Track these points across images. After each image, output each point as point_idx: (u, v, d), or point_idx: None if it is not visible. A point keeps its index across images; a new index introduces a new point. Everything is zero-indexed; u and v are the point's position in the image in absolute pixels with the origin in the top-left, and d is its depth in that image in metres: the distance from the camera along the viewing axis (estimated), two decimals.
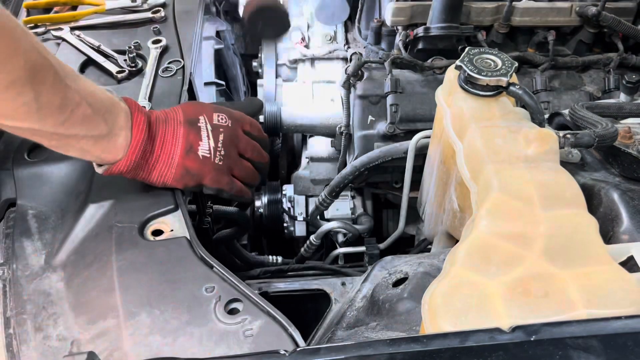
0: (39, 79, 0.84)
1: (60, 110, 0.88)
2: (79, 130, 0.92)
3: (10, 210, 1.08)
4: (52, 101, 0.86)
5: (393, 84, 1.55)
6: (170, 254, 0.97)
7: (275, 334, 0.84)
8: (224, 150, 1.08)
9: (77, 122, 0.91)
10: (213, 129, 1.07)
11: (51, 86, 0.86)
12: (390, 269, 1.13)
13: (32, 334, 0.87)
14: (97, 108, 0.93)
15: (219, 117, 1.09)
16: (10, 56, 0.80)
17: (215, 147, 1.06)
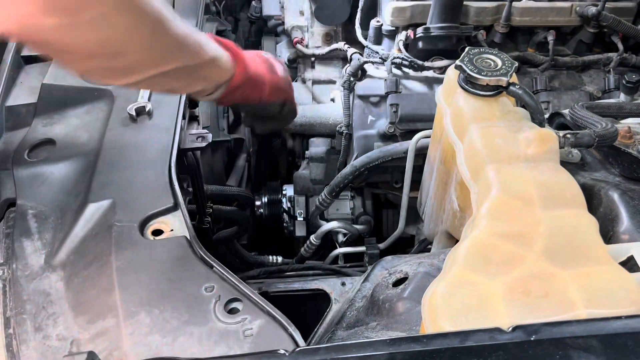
0: (161, 20, 0.88)
1: (186, 47, 0.95)
2: (201, 58, 1.00)
3: (10, 210, 1.08)
4: (179, 39, 0.92)
5: (393, 84, 1.55)
6: (170, 253, 0.97)
7: (275, 333, 0.84)
8: (287, 71, 1.30)
9: (198, 53, 0.99)
10: (275, 60, 1.28)
11: (173, 27, 0.90)
12: (390, 268, 1.13)
13: (31, 333, 0.87)
14: (206, 40, 1.02)
15: (275, 57, 1.31)
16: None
17: (284, 68, 1.29)
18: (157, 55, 0.90)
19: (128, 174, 1.10)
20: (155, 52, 0.89)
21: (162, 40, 0.88)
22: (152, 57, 0.89)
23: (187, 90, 1.10)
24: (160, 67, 0.91)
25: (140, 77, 0.90)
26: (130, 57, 0.85)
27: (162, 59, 0.90)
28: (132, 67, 0.88)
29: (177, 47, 0.92)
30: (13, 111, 1.29)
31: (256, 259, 1.69)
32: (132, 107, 1.23)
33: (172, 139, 1.17)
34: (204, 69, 1.02)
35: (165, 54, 0.91)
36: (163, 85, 1.01)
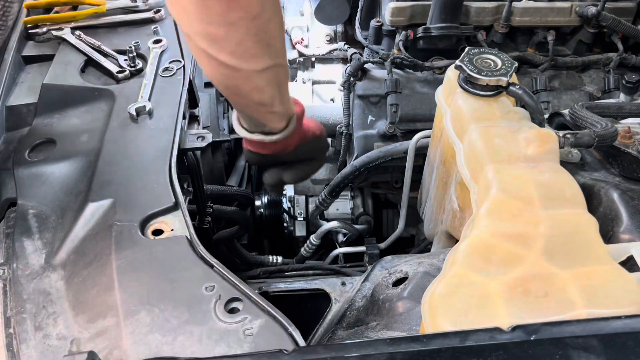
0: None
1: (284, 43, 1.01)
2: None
3: (11, 210, 1.08)
4: (282, 36, 0.98)
5: (393, 84, 1.56)
6: (170, 252, 0.97)
7: (275, 333, 0.84)
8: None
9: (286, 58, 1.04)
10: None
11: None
12: (390, 268, 1.13)
13: (32, 333, 0.87)
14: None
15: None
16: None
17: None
18: (283, 37, 0.97)
19: (128, 173, 1.10)
20: (283, 34, 0.97)
21: (282, 22, 0.95)
22: (282, 38, 0.96)
23: (278, 106, 1.05)
24: (281, 56, 0.97)
25: (272, 61, 0.94)
26: (276, 27, 0.92)
27: (283, 45, 0.97)
28: (274, 41, 0.93)
29: (283, 37, 0.98)
30: (13, 111, 1.29)
31: (256, 258, 1.69)
32: (132, 107, 1.23)
33: (173, 139, 1.17)
34: (287, 78, 1.05)
35: (283, 41, 0.97)
36: (273, 84, 1.00)
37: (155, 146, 1.16)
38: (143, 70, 1.37)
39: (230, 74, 0.95)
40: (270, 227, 1.87)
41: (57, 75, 1.35)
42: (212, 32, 0.87)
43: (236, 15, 0.85)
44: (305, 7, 2.03)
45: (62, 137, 1.20)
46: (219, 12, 0.84)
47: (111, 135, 1.18)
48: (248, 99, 1.03)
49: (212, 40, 0.89)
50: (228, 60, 0.91)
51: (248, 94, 1.01)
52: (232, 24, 0.86)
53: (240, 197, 1.61)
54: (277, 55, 0.96)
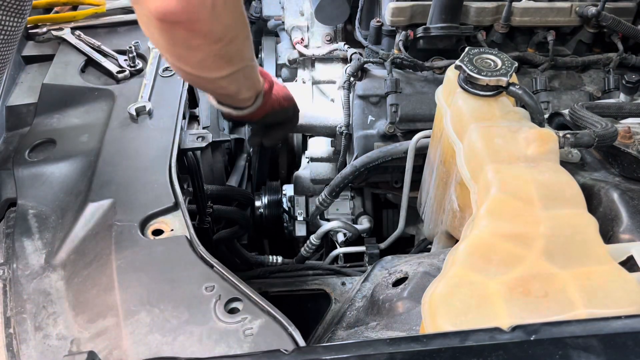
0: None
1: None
2: (252, 61, 1.10)
3: (11, 210, 1.08)
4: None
5: (393, 84, 1.55)
6: (170, 253, 0.97)
7: (275, 333, 0.84)
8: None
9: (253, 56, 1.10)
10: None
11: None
12: (390, 268, 1.13)
13: (32, 333, 0.87)
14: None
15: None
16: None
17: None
18: (249, 46, 1.03)
19: (128, 173, 1.10)
20: (249, 43, 1.03)
21: (248, 35, 1.01)
22: (247, 48, 1.03)
23: (244, 92, 1.14)
24: (246, 60, 1.05)
25: (234, 68, 1.02)
26: (239, 44, 0.99)
27: (249, 52, 1.04)
28: (236, 55, 1.01)
29: (250, 45, 1.04)
30: (13, 111, 1.29)
31: (256, 259, 1.69)
32: (132, 107, 1.23)
33: (173, 139, 1.17)
34: (254, 71, 1.13)
35: (249, 49, 1.04)
36: (237, 82, 1.08)
37: (155, 146, 1.16)
38: (143, 70, 1.37)
39: (195, 79, 1.07)
40: (270, 227, 1.87)
41: (57, 75, 1.35)
42: (176, 52, 0.96)
43: (197, 42, 0.92)
44: (305, 7, 2.02)
45: (62, 137, 1.20)
46: (181, 39, 0.91)
47: (111, 135, 1.18)
48: (215, 93, 1.16)
49: (176, 57, 0.98)
50: (192, 71, 1.01)
51: (214, 90, 1.14)
52: (193, 48, 0.94)
53: (240, 197, 1.61)
54: (241, 61, 1.05)
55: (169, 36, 0.91)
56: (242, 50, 1.03)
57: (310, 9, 1.94)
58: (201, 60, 0.97)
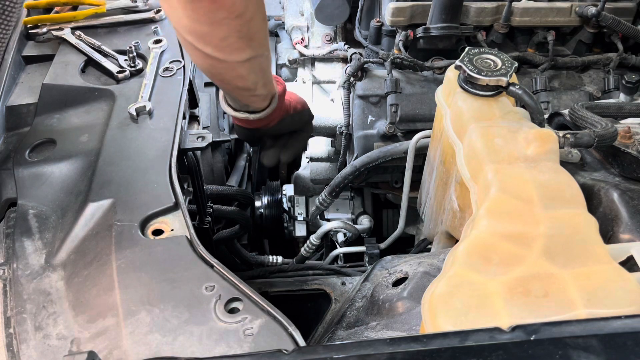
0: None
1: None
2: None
3: (11, 210, 1.08)
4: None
5: (393, 84, 1.56)
6: (170, 252, 0.97)
7: (275, 333, 0.84)
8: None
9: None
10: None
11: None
12: (390, 268, 1.13)
13: (32, 333, 0.87)
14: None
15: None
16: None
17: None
18: (266, 30, 1.02)
19: (128, 173, 1.10)
20: (265, 27, 1.02)
21: (265, 17, 1.00)
22: (265, 31, 1.02)
23: (261, 89, 1.13)
24: (264, 47, 1.03)
25: (254, 53, 1.01)
26: (258, 23, 0.97)
27: (266, 37, 1.03)
28: (256, 36, 0.98)
29: (266, 29, 1.03)
30: (14, 111, 1.29)
31: (256, 259, 1.69)
32: (132, 107, 1.23)
33: (173, 139, 1.17)
34: (269, 65, 1.11)
35: (266, 34, 1.03)
36: (255, 72, 1.07)
37: (155, 146, 1.16)
38: (143, 70, 1.37)
39: (215, 64, 1.03)
40: (270, 227, 1.87)
41: (57, 75, 1.35)
42: (198, 29, 0.94)
43: (220, 15, 0.91)
44: (305, 7, 2.03)
45: (62, 137, 1.20)
46: (204, 11, 0.90)
47: (111, 135, 1.18)
48: (232, 85, 1.12)
49: (198, 35, 0.96)
50: (213, 53, 0.98)
51: (232, 81, 1.10)
52: (216, 23, 0.92)
53: (240, 197, 1.62)
54: (260, 47, 1.03)
55: (192, 9, 0.89)
56: (261, 32, 1.01)
57: (310, 9, 1.94)
58: (224, 38, 0.95)
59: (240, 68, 1.04)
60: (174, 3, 0.90)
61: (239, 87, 1.12)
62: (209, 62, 1.03)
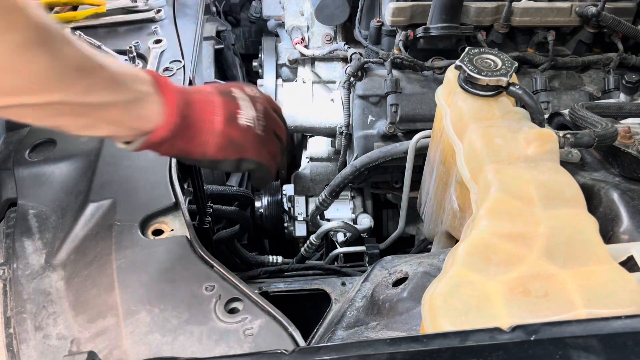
0: (51, 38, 0.72)
1: (82, 74, 0.76)
2: (106, 96, 0.80)
3: (11, 210, 1.08)
4: (70, 63, 0.75)
5: (393, 84, 1.55)
6: (170, 253, 0.97)
7: (275, 333, 0.84)
8: (264, 121, 0.98)
9: (103, 87, 0.79)
10: (250, 98, 0.98)
11: (66, 46, 0.74)
12: (390, 268, 1.13)
13: (32, 333, 0.87)
14: (120, 72, 0.82)
15: (251, 88, 1.01)
16: (11, 13, 0.67)
17: (256, 116, 0.96)
18: (32, 78, 0.72)
19: (128, 173, 1.10)
20: (31, 75, 0.71)
21: (44, 61, 0.71)
22: (24, 80, 0.72)
23: (84, 132, 0.84)
24: (35, 96, 0.73)
25: (3, 103, 0.73)
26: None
27: (40, 84, 0.73)
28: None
29: (65, 75, 0.74)
30: None
31: (256, 259, 1.69)
32: None
33: None
34: (109, 110, 0.81)
35: (44, 80, 0.73)
36: (41, 119, 0.78)
37: None
38: None
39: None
40: (270, 227, 1.87)
41: None
42: None
43: None
44: (305, 7, 2.03)
45: (62, 137, 1.20)
46: None
47: None
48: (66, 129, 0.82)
49: None
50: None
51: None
52: None
53: (240, 197, 1.61)
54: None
55: None
56: (11, 81, 0.71)
57: (310, 9, 1.95)
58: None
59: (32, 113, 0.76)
60: None
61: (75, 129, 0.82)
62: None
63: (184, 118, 0.88)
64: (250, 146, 0.95)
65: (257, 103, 0.98)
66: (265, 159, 0.99)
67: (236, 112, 0.94)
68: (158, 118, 0.86)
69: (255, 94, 1.00)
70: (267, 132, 0.99)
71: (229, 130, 0.93)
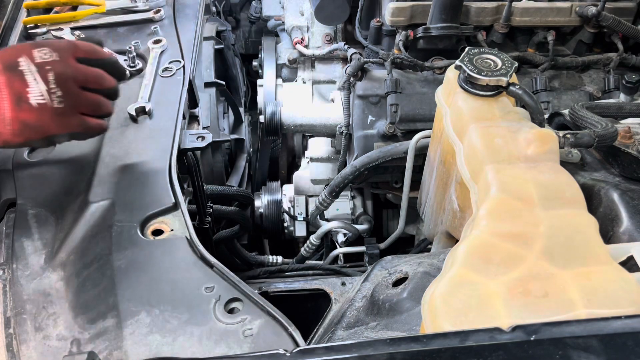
0: None
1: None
2: None
3: (11, 210, 1.08)
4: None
5: (393, 84, 1.55)
6: (170, 253, 0.97)
7: (275, 333, 0.84)
8: (60, 90, 0.91)
9: None
10: (39, 68, 0.90)
11: None
12: (390, 268, 1.13)
13: (32, 333, 0.87)
14: None
15: (41, 52, 0.92)
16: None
17: (48, 89, 0.90)
18: None
19: (128, 174, 1.10)
20: None
21: None
22: None
23: None
24: None
25: None
26: None
27: None
28: None
29: None
30: None
31: (256, 259, 1.69)
32: (132, 107, 1.23)
33: (172, 139, 1.17)
34: None
35: None
36: None
37: (155, 146, 1.16)
38: (143, 70, 1.37)
39: None
40: (270, 227, 1.87)
41: None
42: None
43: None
44: (305, 7, 2.03)
45: None
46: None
47: (111, 135, 1.18)
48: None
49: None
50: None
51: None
52: None
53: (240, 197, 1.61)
54: None
55: None
56: None
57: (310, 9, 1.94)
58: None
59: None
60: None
61: None
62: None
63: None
64: (50, 123, 0.91)
65: (47, 72, 0.91)
66: (77, 127, 0.95)
67: (24, 92, 0.89)
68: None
69: (45, 59, 0.92)
70: (71, 95, 0.94)
71: (21, 115, 0.89)
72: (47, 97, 0.91)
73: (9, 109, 0.88)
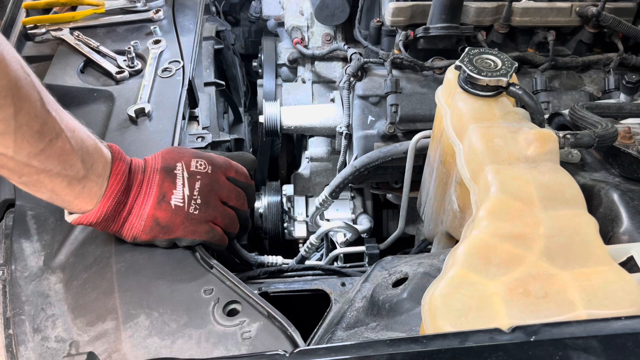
0: (21, 94, 0.74)
1: (39, 137, 0.78)
2: (54, 166, 0.82)
3: (10, 211, 1.07)
4: (31, 123, 0.76)
5: (393, 84, 1.55)
6: (169, 255, 0.97)
7: (273, 336, 0.84)
8: (201, 198, 0.99)
9: (54, 156, 0.81)
10: (189, 176, 0.99)
11: (33, 106, 0.76)
12: (390, 269, 1.13)
13: (30, 335, 0.87)
14: (77, 145, 0.84)
15: (198, 163, 1.01)
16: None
17: (190, 195, 0.97)
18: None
19: None
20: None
21: (4, 113, 0.73)
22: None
23: (25, 188, 0.85)
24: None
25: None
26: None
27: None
28: None
29: (21, 133, 0.76)
30: None
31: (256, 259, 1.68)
32: (131, 108, 1.23)
33: (172, 140, 1.17)
34: (52, 179, 0.83)
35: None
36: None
37: (155, 148, 1.15)
38: (142, 70, 1.37)
39: None
40: (270, 227, 1.87)
41: (56, 76, 1.35)
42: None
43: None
44: (305, 7, 2.03)
45: None
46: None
47: (110, 137, 1.18)
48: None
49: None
50: None
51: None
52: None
53: None
54: None
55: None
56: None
57: (310, 9, 1.94)
58: None
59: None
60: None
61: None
62: None
63: (117, 205, 0.92)
64: (179, 225, 0.96)
65: (195, 181, 0.99)
66: (203, 234, 0.99)
67: (170, 193, 0.96)
68: (93, 202, 0.90)
69: (199, 170, 1.00)
70: (210, 206, 1.00)
71: (157, 213, 0.95)
72: (186, 202, 0.97)
73: (151, 206, 0.95)
